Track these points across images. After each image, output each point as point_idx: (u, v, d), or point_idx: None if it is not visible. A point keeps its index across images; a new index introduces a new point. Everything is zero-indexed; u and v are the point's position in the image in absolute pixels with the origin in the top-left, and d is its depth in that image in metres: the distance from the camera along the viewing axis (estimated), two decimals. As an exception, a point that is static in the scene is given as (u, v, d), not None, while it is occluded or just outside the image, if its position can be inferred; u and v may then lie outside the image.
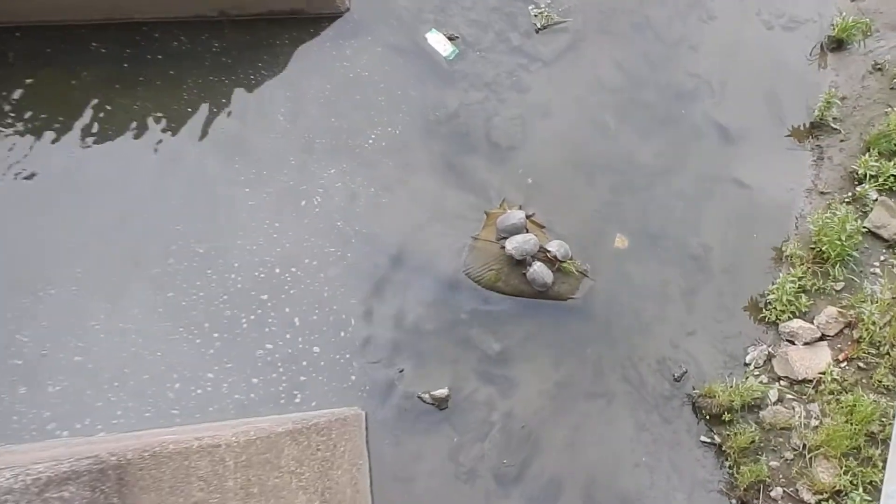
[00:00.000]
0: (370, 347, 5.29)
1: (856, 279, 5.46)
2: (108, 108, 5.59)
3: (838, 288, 5.49)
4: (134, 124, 5.59)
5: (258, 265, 5.37)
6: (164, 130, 5.63)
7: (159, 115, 5.67)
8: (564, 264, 5.58)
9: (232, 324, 5.13)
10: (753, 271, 5.80)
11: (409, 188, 5.82)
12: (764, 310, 5.60)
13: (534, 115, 6.17)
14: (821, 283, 5.51)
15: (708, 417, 5.26)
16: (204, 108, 5.76)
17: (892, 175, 5.53)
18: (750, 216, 5.97)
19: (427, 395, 5.19)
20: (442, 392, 5.18)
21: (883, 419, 4.69)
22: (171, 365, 4.90)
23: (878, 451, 4.64)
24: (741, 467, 5.00)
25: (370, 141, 5.85)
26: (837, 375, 5.07)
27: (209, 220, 5.42)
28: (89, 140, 5.47)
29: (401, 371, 5.26)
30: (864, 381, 4.94)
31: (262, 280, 5.32)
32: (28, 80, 5.53)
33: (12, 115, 5.45)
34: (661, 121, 6.23)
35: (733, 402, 5.11)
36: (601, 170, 6.11)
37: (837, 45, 6.26)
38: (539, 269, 5.51)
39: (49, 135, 5.44)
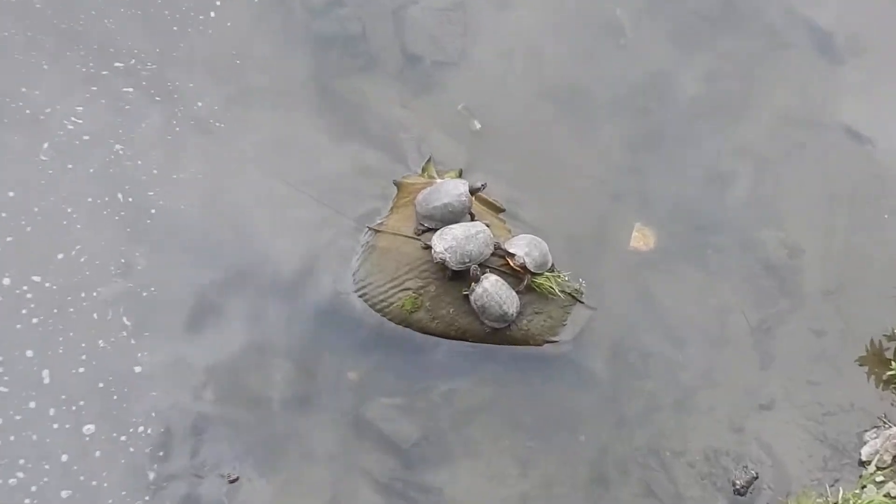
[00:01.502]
0: (180, 431, 5.22)
1: None
2: None
3: None
4: None
5: (-33, 271, 5.20)
6: None
7: None
8: (541, 279, 5.47)
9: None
10: (876, 294, 5.89)
11: (254, 129, 5.80)
12: (894, 363, 5.66)
13: (484, 5, 6.17)
14: None
15: (795, 560, 5.28)
16: None
17: None
18: (871, 193, 6.04)
19: (283, 525, 4.97)
20: (311, 518, 5.02)
21: None
22: None
23: None
24: None
25: (199, 29, 5.92)
26: None
27: None
28: None
29: (233, 480, 5.20)
30: None
31: (-24, 300, 5.15)
32: None
33: None
34: (712, 21, 6.31)
35: (839, 531, 5.09)
36: (607, 107, 6.10)
37: None
38: (493, 289, 5.37)
39: None
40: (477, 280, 5.39)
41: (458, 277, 5.45)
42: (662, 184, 6.12)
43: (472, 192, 5.56)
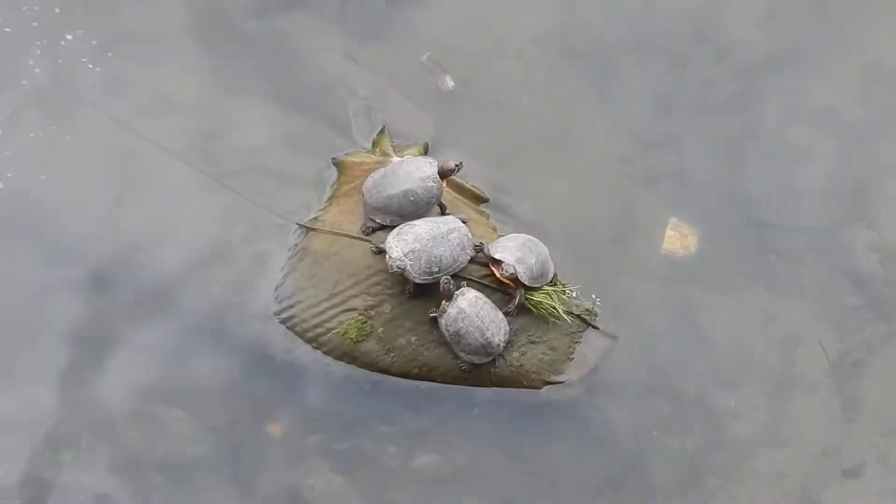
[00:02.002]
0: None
1: None
2: None
3: None
4: None
5: None
6: None
7: None
8: (539, 295, 5.32)
9: None
10: None
11: (139, 82, 5.75)
12: None
13: None
14: None
15: None
16: None
17: None
18: None
19: None
20: None
21: None
22: None
23: None
24: None
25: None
26: None
27: None
28: None
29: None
30: None
31: None
32: None
33: None
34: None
35: None
36: (631, 58, 6.03)
37: None
38: (472, 310, 5.19)
39: None
40: (450, 297, 5.17)
41: (424, 293, 5.27)
42: (707, 163, 5.93)
43: (443, 174, 5.33)
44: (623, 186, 5.85)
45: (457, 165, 5.31)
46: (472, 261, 5.21)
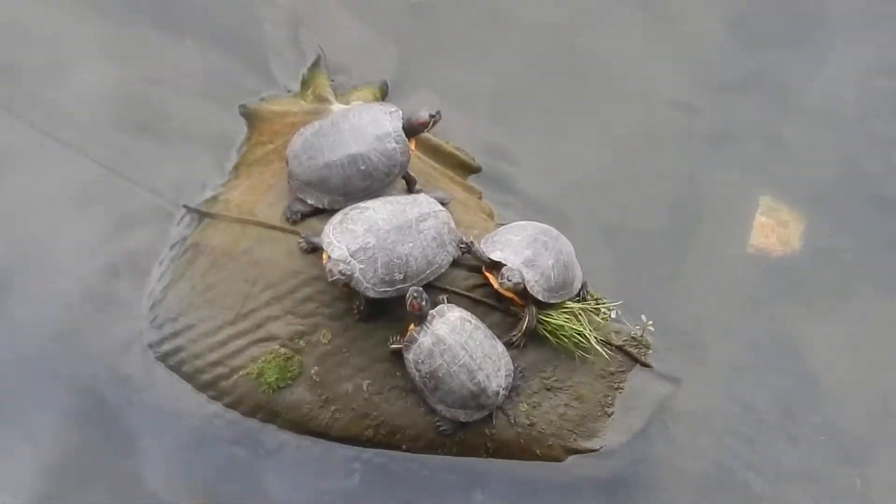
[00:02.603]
0: None
1: None
2: None
3: None
4: None
5: None
6: None
7: None
8: (557, 316, 4.92)
9: None
10: None
11: None
12: None
13: None
14: None
15: None
16: None
17: None
18: None
19: None
20: None
21: None
22: None
23: None
24: None
25: None
26: None
27: None
28: None
29: None
30: None
31: None
32: None
33: None
34: None
35: None
36: None
37: None
38: (455, 338, 4.81)
39: None
40: (422, 320, 4.67)
41: (382, 314, 4.79)
42: (816, 113, 5.44)
43: (411, 131, 4.81)
44: (688, 149, 5.36)
45: (432, 117, 4.74)
46: (455, 263, 4.70)
